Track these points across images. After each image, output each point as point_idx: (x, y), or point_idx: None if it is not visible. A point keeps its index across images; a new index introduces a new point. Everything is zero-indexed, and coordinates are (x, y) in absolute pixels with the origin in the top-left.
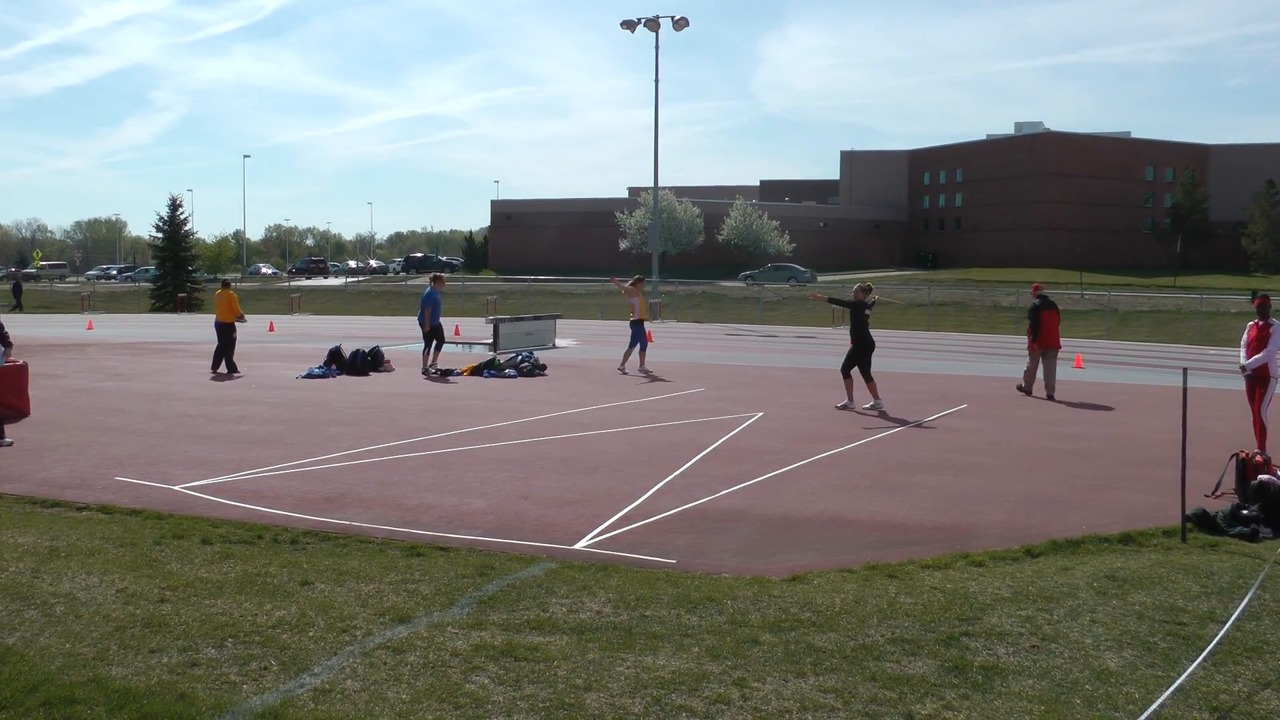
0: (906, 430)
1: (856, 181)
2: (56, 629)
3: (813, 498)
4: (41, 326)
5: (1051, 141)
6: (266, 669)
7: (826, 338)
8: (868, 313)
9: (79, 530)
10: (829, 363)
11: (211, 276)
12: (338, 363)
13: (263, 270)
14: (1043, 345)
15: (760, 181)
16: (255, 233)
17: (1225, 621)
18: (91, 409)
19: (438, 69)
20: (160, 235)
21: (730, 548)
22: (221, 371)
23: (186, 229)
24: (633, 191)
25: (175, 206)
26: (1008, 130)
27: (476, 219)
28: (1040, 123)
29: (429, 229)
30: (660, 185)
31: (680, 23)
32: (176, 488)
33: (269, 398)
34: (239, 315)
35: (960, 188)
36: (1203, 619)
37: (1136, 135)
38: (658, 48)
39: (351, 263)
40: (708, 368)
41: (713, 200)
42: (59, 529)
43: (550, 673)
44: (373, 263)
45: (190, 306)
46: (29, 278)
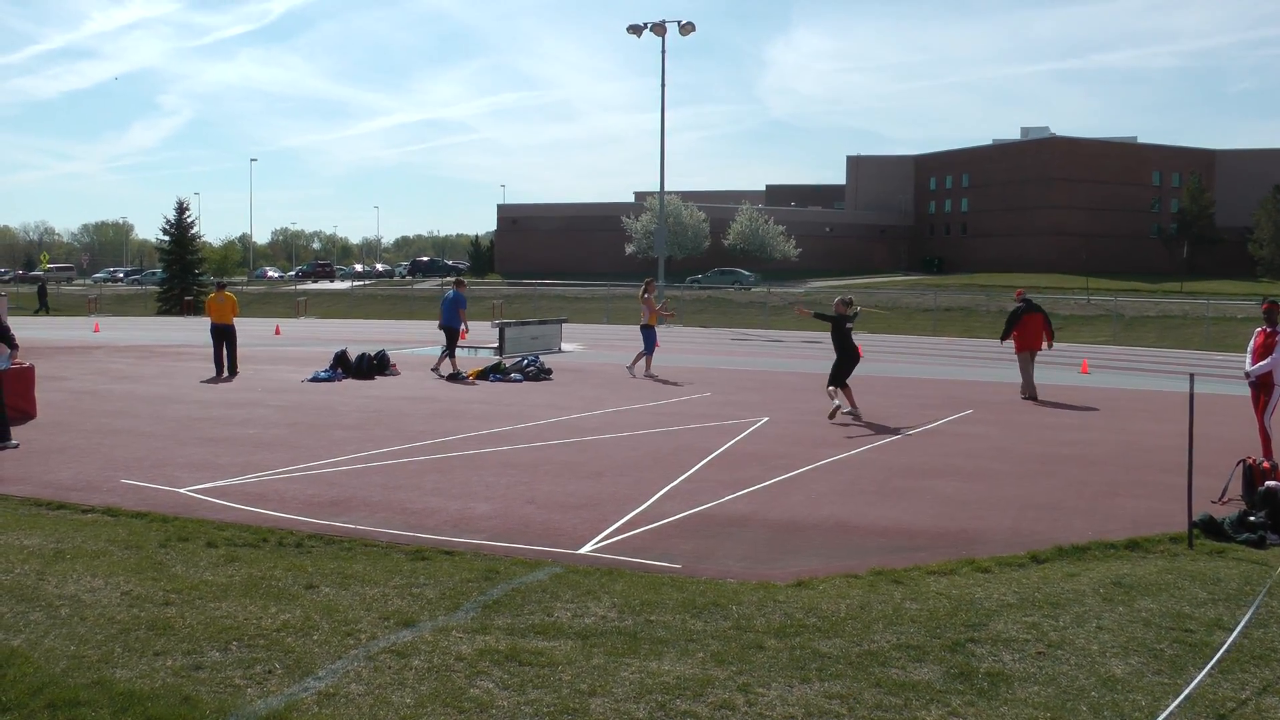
0: (912, 435)
1: (862, 186)
2: (61, 631)
3: (818, 503)
4: (48, 329)
5: (1057, 146)
6: (271, 672)
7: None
8: (849, 326)
9: (84, 532)
10: None
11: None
12: (343, 366)
13: (269, 274)
14: (1024, 347)
15: (766, 186)
16: (262, 236)
17: (1233, 629)
18: (97, 411)
19: (444, 73)
20: (167, 238)
21: (735, 553)
22: (229, 371)
23: (193, 232)
24: (639, 196)
25: (182, 210)
26: (1013, 135)
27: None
28: (1046, 128)
29: (435, 233)
30: (666, 190)
31: (686, 27)
32: (182, 490)
33: (274, 401)
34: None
35: (966, 192)
36: (1210, 626)
37: (1143, 140)
38: (664, 52)
39: (358, 266)
40: (713, 372)
41: (719, 205)
42: (64, 531)
43: (555, 677)
44: (379, 266)
45: (196, 310)
46: (41, 280)
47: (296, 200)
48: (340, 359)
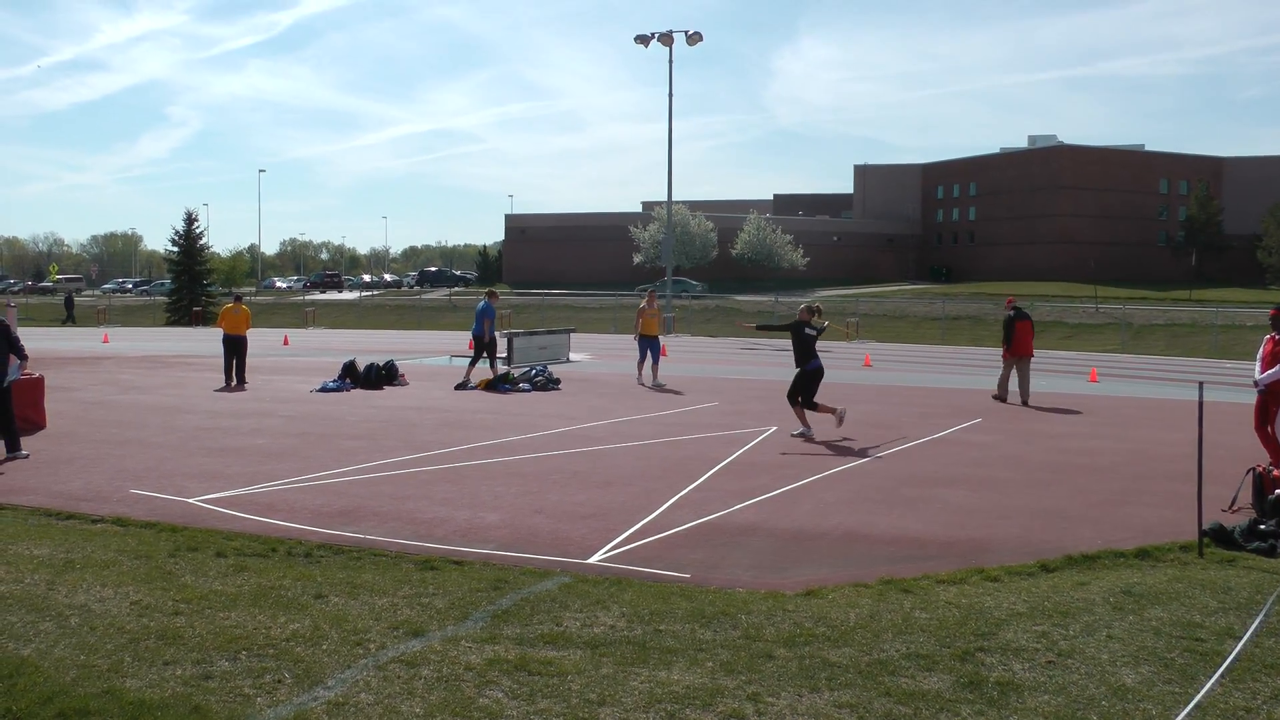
0: (920, 444)
1: (870, 195)
2: (71, 640)
3: (827, 512)
4: (57, 340)
5: (1065, 154)
6: (280, 682)
7: (841, 352)
8: (809, 333)
9: (94, 542)
10: (843, 377)
11: (226, 290)
12: (352, 376)
13: (277, 284)
14: (1016, 354)
15: (774, 195)
16: (270, 247)
17: (1243, 637)
18: (107, 422)
19: (451, 84)
20: (175, 249)
21: (744, 562)
22: (236, 381)
23: (202, 243)
24: (646, 205)
25: (191, 221)
26: (1021, 143)
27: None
28: (1054, 135)
29: (443, 243)
30: (674, 199)
31: (694, 37)
32: (191, 500)
33: (283, 411)
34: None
35: (973, 201)
36: (1221, 635)
37: (1150, 148)
38: (671, 62)
39: (366, 277)
40: (721, 381)
41: (726, 214)
42: (74, 541)
43: (564, 687)
44: (387, 276)
45: (205, 320)
46: (69, 291)
47: (305, 211)
48: (349, 369)
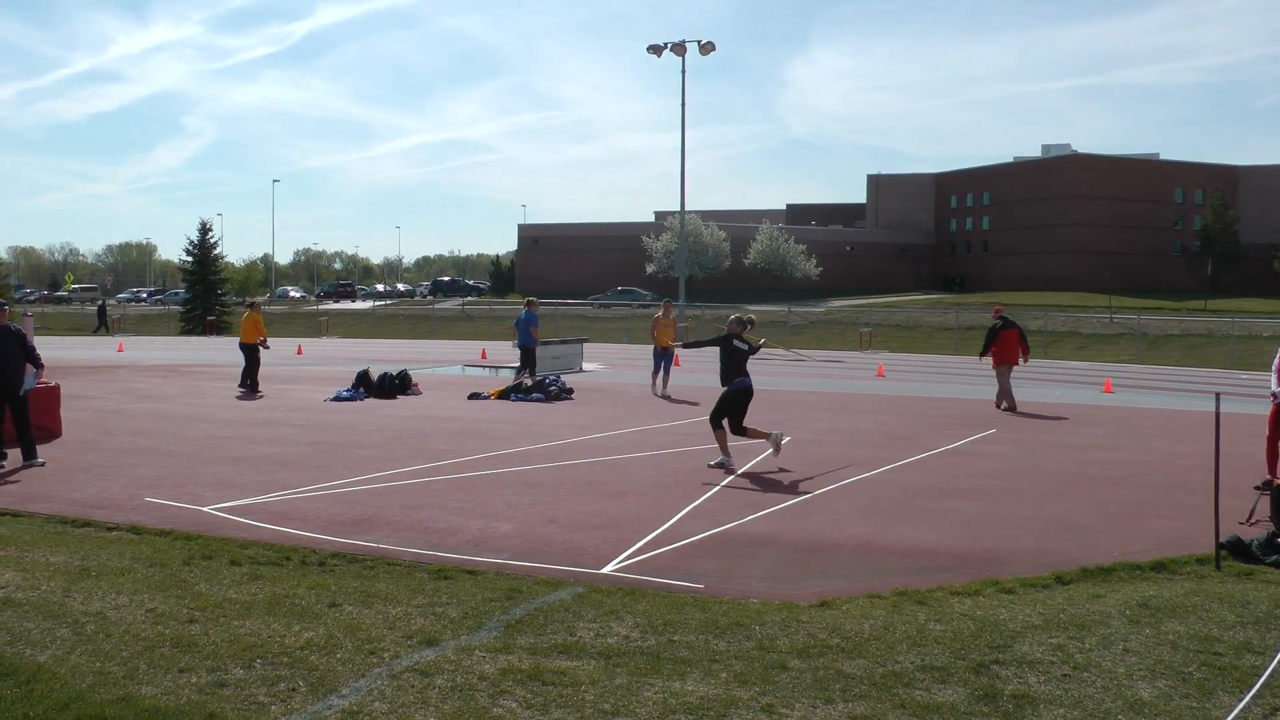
0: (934, 455)
1: (883, 205)
2: (87, 648)
3: (841, 523)
4: (73, 348)
5: (1079, 163)
6: (294, 690)
7: (854, 362)
8: (739, 346)
9: (109, 550)
10: (856, 387)
11: (240, 299)
12: (366, 386)
13: (291, 294)
14: (1002, 362)
15: (786, 205)
16: (284, 256)
17: (1261, 652)
18: (122, 430)
19: (464, 94)
20: (190, 259)
21: (758, 573)
22: (246, 387)
23: (216, 253)
24: (659, 215)
25: (205, 230)
26: (1035, 152)
27: (503, 243)
28: (1067, 145)
29: (456, 252)
30: (687, 209)
31: (706, 47)
32: (205, 509)
33: (297, 420)
34: (262, 338)
35: (987, 210)
36: (1239, 649)
37: (1165, 157)
38: (684, 72)
39: (379, 286)
40: None
41: (739, 224)
42: (89, 549)
43: (577, 697)
44: (400, 286)
45: (219, 329)
46: (101, 301)
47: (318, 220)
48: (362, 378)
